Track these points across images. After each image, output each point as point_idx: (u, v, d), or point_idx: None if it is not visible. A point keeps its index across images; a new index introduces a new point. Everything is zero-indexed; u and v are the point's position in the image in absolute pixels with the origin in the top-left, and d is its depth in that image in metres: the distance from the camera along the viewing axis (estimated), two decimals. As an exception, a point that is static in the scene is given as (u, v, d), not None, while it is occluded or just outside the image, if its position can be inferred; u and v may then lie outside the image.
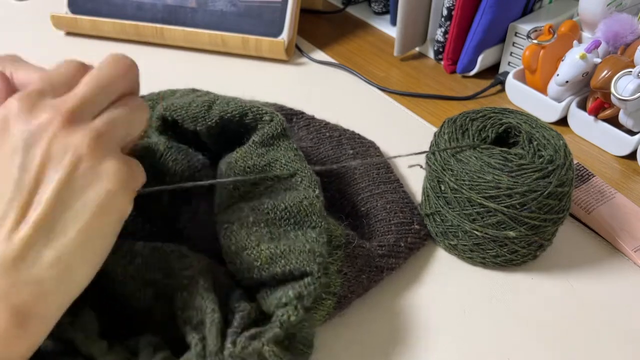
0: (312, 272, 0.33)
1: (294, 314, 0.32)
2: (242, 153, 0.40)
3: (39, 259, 0.25)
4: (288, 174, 0.38)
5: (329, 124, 0.55)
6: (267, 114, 0.41)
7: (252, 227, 0.35)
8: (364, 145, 0.53)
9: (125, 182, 0.27)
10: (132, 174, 0.28)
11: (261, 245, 0.34)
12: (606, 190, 0.48)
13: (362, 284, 0.39)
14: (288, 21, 0.66)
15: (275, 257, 0.34)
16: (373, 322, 0.39)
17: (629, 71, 0.50)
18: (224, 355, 0.30)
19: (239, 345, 0.30)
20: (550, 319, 0.40)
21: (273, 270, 0.33)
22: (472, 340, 0.38)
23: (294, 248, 0.34)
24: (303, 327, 0.33)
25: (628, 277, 0.43)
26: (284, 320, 0.31)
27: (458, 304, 0.40)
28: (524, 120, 0.42)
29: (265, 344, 0.30)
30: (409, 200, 0.46)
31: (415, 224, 0.44)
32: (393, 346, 0.38)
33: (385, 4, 0.78)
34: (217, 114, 0.41)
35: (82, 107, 0.27)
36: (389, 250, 0.41)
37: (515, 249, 0.41)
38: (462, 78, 0.67)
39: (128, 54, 0.30)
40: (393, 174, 0.49)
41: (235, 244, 0.35)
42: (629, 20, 0.55)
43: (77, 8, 0.72)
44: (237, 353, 0.30)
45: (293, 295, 0.32)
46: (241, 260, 0.34)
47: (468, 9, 0.62)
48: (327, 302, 0.37)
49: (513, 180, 0.37)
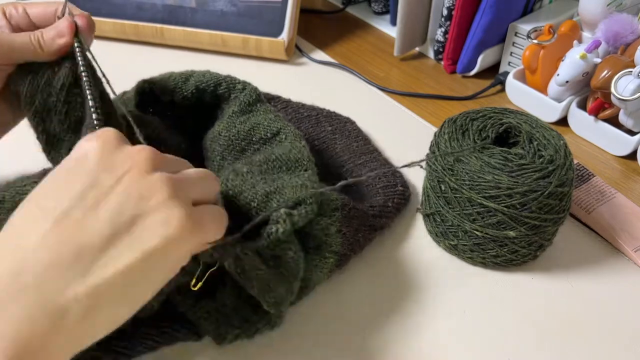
0: (304, 199, 0.35)
1: (282, 226, 0.33)
2: (225, 125, 0.43)
3: (69, 288, 0.23)
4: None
5: (305, 104, 0.57)
6: (240, 83, 0.44)
7: (246, 175, 0.37)
8: (341, 121, 0.55)
9: (189, 233, 0.26)
10: (201, 227, 0.27)
11: (256, 187, 0.36)
12: (606, 190, 0.48)
13: (358, 242, 0.41)
14: (288, 21, 0.66)
15: (270, 194, 0.35)
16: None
17: (629, 71, 0.50)
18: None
19: (219, 247, 0.31)
20: (550, 319, 0.40)
21: (269, 207, 0.35)
22: (472, 340, 0.38)
23: (287, 184, 0.36)
24: (288, 250, 0.34)
25: (628, 277, 0.42)
26: (271, 232, 0.33)
27: (458, 304, 0.40)
28: (524, 120, 0.42)
29: (244, 248, 0.31)
30: (390, 165, 0.50)
31: (399, 185, 0.47)
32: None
33: (385, 4, 0.78)
34: (193, 84, 0.44)
35: (183, 185, 0.27)
36: (380, 211, 0.44)
37: (515, 249, 0.41)
38: (462, 78, 0.67)
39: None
40: (371, 145, 0.53)
41: (232, 189, 0.36)
42: (629, 20, 0.55)
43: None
44: (212, 251, 0.30)
45: (284, 212, 0.34)
46: (238, 203, 0.36)
47: (468, 9, 0.62)
48: (329, 260, 0.39)
49: (513, 180, 0.37)
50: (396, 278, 0.42)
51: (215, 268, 0.31)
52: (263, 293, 0.33)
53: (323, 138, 0.53)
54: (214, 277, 0.32)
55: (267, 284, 0.33)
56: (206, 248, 0.29)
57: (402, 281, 0.42)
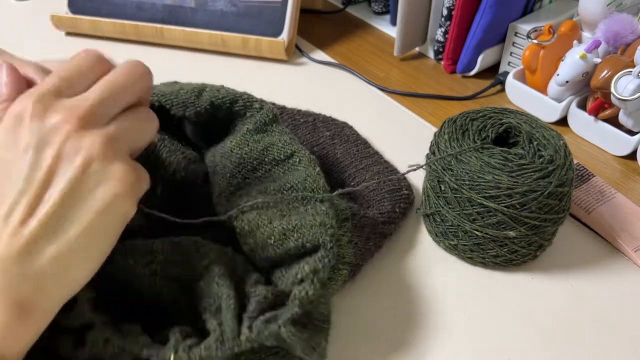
0: (324, 243, 0.34)
1: (311, 288, 0.32)
2: (237, 142, 0.41)
3: (42, 254, 0.26)
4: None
5: (301, 110, 0.56)
6: (257, 101, 0.42)
7: (262, 207, 0.36)
8: (339, 126, 0.55)
9: (131, 186, 0.28)
10: (139, 179, 0.29)
11: (273, 222, 0.35)
12: (606, 190, 0.48)
13: (369, 250, 0.41)
14: (288, 21, 0.66)
15: (288, 232, 0.34)
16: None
17: (629, 71, 0.50)
18: (241, 340, 0.30)
19: (255, 329, 0.30)
20: (550, 319, 0.40)
21: (287, 246, 0.34)
22: (472, 340, 0.38)
23: (305, 222, 0.35)
24: (320, 303, 0.33)
25: (628, 277, 0.42)
26: (302, 297, 0.31)
27: (458, 304, 0.40)
28: (524, 120, 0.42)
29: (281, 325, 0.30)
30: (393, 168, 0.49)
31: (404, 189, 0.46)
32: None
33: (385, 4, 0.78)
34: (208, 99, 0.41)
35: (95, 111, 0.28)
36: (389, 217, 0.43)
37: (515, 249, 0.41)
38: (462, 78, 0.67)
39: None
40: (372, 148, 0.52)
41: (248, 224, 0.35)
42: (629, 20, 0.55)
43: (77, 8, 0.72)
44: (254, 337, 0.30)
45: (309, 270, 0.32)
46: (255, 239, 0.35)
47: (468, 8, 0.62)
48: (342, 273, 0.38)
49: (513, 180, 0.37)
50: (396, 278, 0.42)
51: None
52: (308, 354, 0.32)
53: (322, 144, 0.52)
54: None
55: (311, 347, 0.32)
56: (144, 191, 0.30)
57: (402, 281, 0.42)
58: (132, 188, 0.28)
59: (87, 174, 0.27)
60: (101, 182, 0.27)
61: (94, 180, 0.27)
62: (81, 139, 0.27)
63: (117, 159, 0.28)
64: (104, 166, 0.27)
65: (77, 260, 0.27)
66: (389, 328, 0.39)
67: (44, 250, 0.26)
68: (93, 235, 0.27)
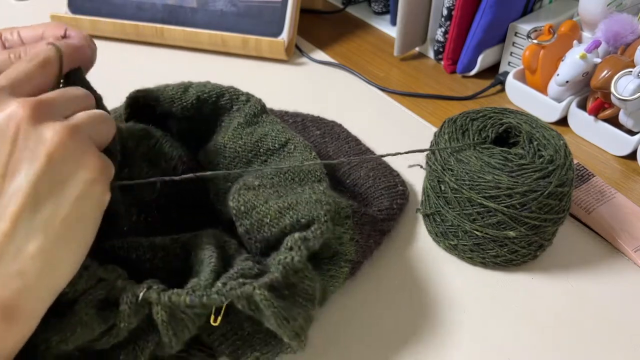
0: (318, 217, 0.33)
1: (298, 254, 0.31)
2: (230, 136, 0.41)
3: (21, 252, 0.25)
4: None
5: (289, 111, 0.56)
6: (243, 94, 0.42)
7: (258, 189, 0.36)
8: (328, 125, 0.55)
9: (101, 171, 0.28)
10: (107, 166, 0.29)
11: (269, 202, 0.35)
12: (606, 190, 0.48)
13: (370, 248, 0.41)
14: (288, 21, 0.66)
15: (284, 210, 0.34)
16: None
17: (629, 71, 0.50)
18: (212, 291, 0.29)
19: (228, 286, 0.30)
20: (550, 319, 0.40)
21: (282, 223, 0.34)
22: (472, 339, 0.38)
23: (301, 200, 0.35)
24: (305, 278, 0.32)
25: (628, 277, 0.42)
26: (286, 263, 0.31)
27: (458, 304, 0.40)
28: (524, 120, 0.42)
29: (256, 287, 0.29)
30: (386, 165, 0.49)
31: (400, 185, 0.47)
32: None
33: (385, 4, 0.78)
34: (194, 94, 0.42)
35: (51, 104, 0.28)
36: (387, 214, 0.43)
37: (515, 249, 0.41)
38: (462, 78, 0.67)
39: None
40: (363, 145, 0.52)
41: (244, 204, 0.35)
42: (629, 20, 0.55)
43: (77, 8, 0.72)
44: (225, 292, 0.29)
45: (298, 237, 0.32)
46: (251, 219, 0.35)
47: (468, 8, 0.62)
48: (344, 270, 0.37)
49: (513, 180, 0.37)
50: (396, 278, 0.42)
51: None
52: (281, 327, 0.31)
53: (313, 142, 0.52)
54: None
55: (284, 318, 0.31)
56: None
57: (402, 281, 0.42)
58: (102, 174, 0.28)
59: (54, 165, 0.26)
60: (72, 171, 0.27)
61: (63, 170, 0.26)
62: (41, 130, 0.26)
63: (85, 147, 0.28)
64: (72, 154, 0.27)
65: (59, 254, 0.27)
66: (389, 326, 0.39)
67: (22, 248, 0.25)
68: (72, 226, 0.27)
